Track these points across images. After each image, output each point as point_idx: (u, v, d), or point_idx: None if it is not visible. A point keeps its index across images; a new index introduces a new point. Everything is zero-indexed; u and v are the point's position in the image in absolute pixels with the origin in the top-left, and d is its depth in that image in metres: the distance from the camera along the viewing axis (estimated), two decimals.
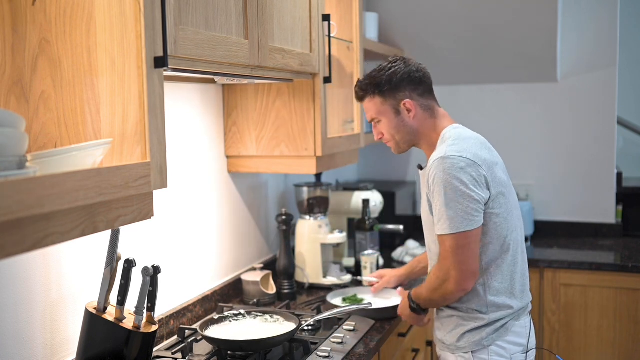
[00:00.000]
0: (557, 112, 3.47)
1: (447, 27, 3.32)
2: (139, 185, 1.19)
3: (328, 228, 2.62)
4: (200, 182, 2.23)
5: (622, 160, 3.75)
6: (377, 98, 1.90)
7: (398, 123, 1.89)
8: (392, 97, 1.88)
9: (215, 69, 1.59)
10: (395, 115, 1.89)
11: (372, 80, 1.90)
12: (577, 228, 3.47)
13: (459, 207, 1.72)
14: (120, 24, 1.20)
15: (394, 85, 1.87)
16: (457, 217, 1.73)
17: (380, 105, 1.90)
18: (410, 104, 1.87)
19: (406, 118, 1.88)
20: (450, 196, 1.72)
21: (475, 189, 1.73)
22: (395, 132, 1.91)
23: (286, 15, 1.94)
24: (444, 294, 1.81)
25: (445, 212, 1.74)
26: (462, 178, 1.73)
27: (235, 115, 2.34)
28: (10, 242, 0.92)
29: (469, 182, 1.73)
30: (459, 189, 1.72)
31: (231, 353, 1.81)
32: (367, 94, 1.92)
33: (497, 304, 1.82)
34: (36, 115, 1.27)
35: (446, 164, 1.74)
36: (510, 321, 1.83)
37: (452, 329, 1.87)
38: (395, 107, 1.88)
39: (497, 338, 1.82)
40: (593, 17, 3.36)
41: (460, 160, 1.74)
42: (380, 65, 1.93)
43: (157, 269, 1.63)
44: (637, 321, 2.87)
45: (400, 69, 1.88)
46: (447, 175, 1.73)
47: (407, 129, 1.90)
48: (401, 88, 1.87)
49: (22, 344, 1.50)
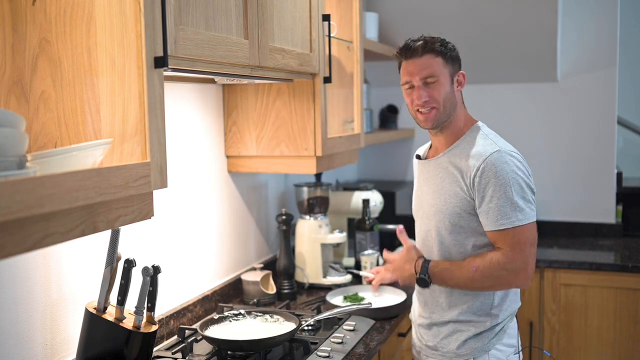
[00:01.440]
0: (557, 112, 3.47)
1: (447, 27, 3.32)
2: (139, 185, 1.19)
3: (328, 228, 2.62)
4: (200, 182, 2.23)
5: (622, 160, 3.75)
6: (439, 58, 1.83)
7: (450, 91, 1.85)
8: (452, 64, 1.86)
9: (215, 69, 1.59)
10: (450, 82, 1.86)
11: (437, 42, 1.85)
12: (577, 228, 3.47)
13: (527, 197, 1.75)
14: (120, 24, 1.20)
15: (455, 55, 1.87)
16: (527, 208, 1.74)
17: (441, 67, 1.84)
18: (464, 77, 1.88)
19: (456, 90, 1.87)
20: (517, 188, 1.73)
21: (532, 185, 1.78)
22: (445, 99, 1.85)
23: (286, 15, 1.94)
24: (502, 284, 1.79)
25: (515, 204, 1.73)
26: (524, 171, 1.77)
27: (235, 115, 2.34)
28: (10, 242, 0.92)
29: (529, 178, 1.78)
30: (525, 182, 1.75)
31: (231, 353, 1.81)
32: (431, 51, 1.83)
33: (500, 306, 1.83)
34: (36, 115, 1.26)
35: (507, 158, 1.76)
36: (506, 323, 1.85)
37: (449, 334, 1.86)
38: (451, 75, 1.86)
39: (496, 342, 1.82)
40: (593, 17, 3.36)
41: (517, 156, 1.79)
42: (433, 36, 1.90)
43: (157, 269, 1.63)
44: (637, 321, 2.87)
45: (453, 46, 1.88)
46: (512, 167, 1.75)
47: (454, 101, 1.87)
48: (457, 61, 1.88)
49: (22, 344, 1.50)
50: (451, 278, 1.83)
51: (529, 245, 1.75)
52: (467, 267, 1.80)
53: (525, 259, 1.74)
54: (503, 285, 1.80)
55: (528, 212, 1.74)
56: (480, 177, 1.76)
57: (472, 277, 1.78)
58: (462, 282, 1.81)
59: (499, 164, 1.74)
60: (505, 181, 1.73)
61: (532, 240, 1.76)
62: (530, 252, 1.75)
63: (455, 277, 1.82)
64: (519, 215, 1.73)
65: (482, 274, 1.78)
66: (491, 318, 1.83)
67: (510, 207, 1.73)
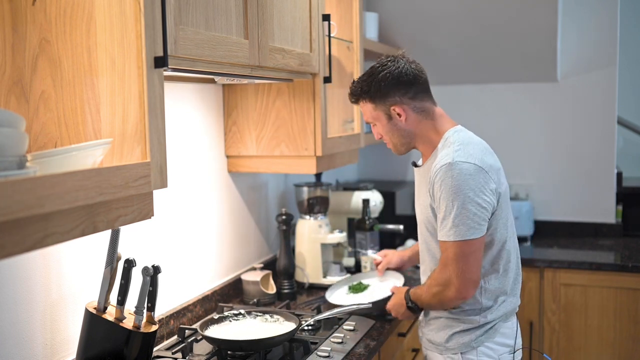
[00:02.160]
0: (557, 112, 3.47)
1: (447, 27, 3.32)
2: (139, 185, 1.19)
3: (328, 228, 2.62)
4: (200, 182, 2.23)
5: (622, 160, 3.75)
6: (368, 104, 1.88)
7: (391, 127, 1.87)
8: (382, 102, 1.85)
9: (215, 68, 1.59)
10: (388, 120, 1.87)
11: (362, 86, 1.87)
12: (577, 228, 3.47)
13: (466, 215, 1.71)
14: (120, 24, 1.20)
15: (383, 91, 1.83)
16: (462, 224, 1.71)
17: (372, 111, 1.88)
18: (400, 109, 1.84)
19: (399, 122, 1.85)
20: (458, 203, 1.70)
21: (484, 196, 1.72)
22: (391, 135, 1.89)
23: (286, 15, 1.94)
24: (442, 300, 1.81)
25: (451, 220, 1.72)
26: (471, 185, 1.71)
27: (235, 115, 2.34)
28: (10, 242, 0.92)
29: (477, 190, 1.72)
30: (468, 196, 1.70)
31: (231, 353, 1.81)
32: (359, 99, 1.90)
33: (491, 308, 1.83)
34: (36, 115, 1.26)
35: (454, 171, 1.71)
36: (499, 322, 1.84)
37: (440, 328, 1.88)
38: (386, 112, 1.86)
39: (485, 340, 1.83)
40: (593, 17, 3.36)
41: (468, 167, 1.72)
42: (372, 66, 1.89)
43: (157, 269, 1.63)
44: (637, 321, 2.87)
45: (389, 73, 1.83)
46: (456, 181, 1.71)
47: (402, 132, 1.87)
48: (390, 93, 1.83)
49: (22, 344, 1.50)
50: (422, 302, 1.90)
51: (461, 260, 1.73)
52: (425, 289, 1.87)
53: (454, 273, 1.74)
54: (445, 302, 1.81)
55: (462, 230, 1.71)
56: (433, 189, 1.78)
57: (428, 297, 1.86)
58: (430, 305, 1.89)
59: (444, 178, 1.73)
60: (447, 195, 1.72)
61: (467, 255, 1.73)
62: (461, 267, 1.73)
63: (426, 302, 1.88)
64: (453, 230, 1.72)
65: (429, 292, 1.84)
66: (480, 317, 1.83)
67: (448, 222, 1.73)
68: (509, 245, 1.84)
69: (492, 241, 1.80)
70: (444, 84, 3.54)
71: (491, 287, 1.82)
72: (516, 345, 1.87)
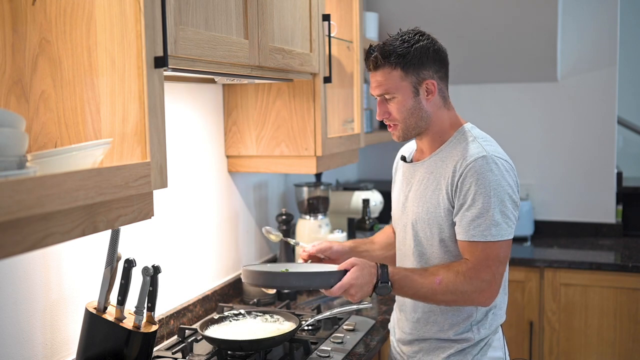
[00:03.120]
0: (557, 112, 3.47)
1: (447, 26, 3.32)
2: (139, 185, 1.19)
3: (328, 228, 2.62)
4: (200, 182, 2.23)
5: (622, 160, 3.75)
6: (397, 71, 1.64)
7: (414, 105, 1.67)
8: (416, 73, 1.65)
9: (215, 68, 1.59)
10: (413, 95, 1.66)
11: (396, 49, 1.64)
12: (577, 228, 3.47)
13: (507, 213, 1.59)
14: (120, 24, 1.20)
15: (420, 60, 1.64)
16: (504, 223, 1.59)
17: (398, 80, 1.65)
18: (433, 85, 1.66)
19: (424, 101, 1.67)
20: (497, 200, 1.58)
21: (518, 195, 1.63)
22: (407, 115, 1.68)
23: (286, 15, 1.94)
24: (466, 301, 1.63)
25: (491, 217, 1.58)
26: (510, 182, 1.61)
27: (235, 114, 2.34)
28: (10, 242, 0.92)
29: (515, 187, 1.62)
30: (508, 193, 1.60)
31: (231, 353, 1.81)
32: (387, 63, 1.65)
33: (486, 325, 1.73)
34: (36, 115, 1.26)
35: (492, 165, 1.59)
36: (490, 337, 1.77)
37: (430, 350, 1.77)
38: (415, 86, 1.66)
39: (481, 357, 1.74)
40: (593, 17, 3.36)
41: (504, 163, 1.62)
42: (400, 34, 1.69)
43: (157, 269, 1.63)
44: (637, 321, 2.87)
45: (430, 44, 1.66)
46: (496, 176, 1.59)
47: (422, 114, 1.68)
48: (426, 66, 1.65)
49: (22, 344, 1.50)
50: (411, 287, 1.62)
51: (497, 263, 1.60)
52: (430, 278, 1.62)
53: (492, 277, 1.60)
54: (465, 302, 1.65)
55: (504, 228, 1.59)
56: (462, 183, 1.61)
57: (435, 289, 1.60)
58: (422, 293, 1.62)
59: (483, 171, 1.59)
60: (486, 190, 1.58)
61: (503, 258, 1.62)
62: (498, 270, 1.61)
63: (416, 287, 1.62)
64: (492, 230, 1.58)
65: (445, 287, 1.60)
66: (473, 334, 1.73)
67: (486, 219, 1.58)
68: None
69: None
70: None
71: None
72: (505, 357, 1.81)
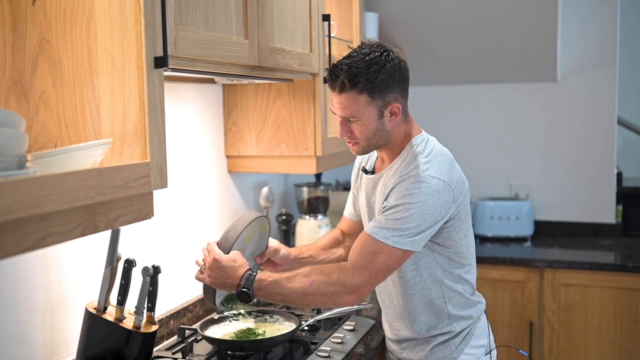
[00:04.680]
0: (557, 112, 3.47)
1: (447, 26, 3.32)
2: (139, 185, 1.19)
3: (328, 228, 2.62)
4: (200, 182, 2.23)
5: (622, 160, 3.75)
6: (364, 96, 1.62)
7: (377, 127, 1.66)
8: (381, 97, 1.63)
9: (215, 69, 1.59)
10: (377, 118, 1.65)
11: (363, 74, 1.61)
12: (577, 228, 3.47)
13: (419, 229, 1.59)
14: (120, 24, 1.20)
15: (387, 85, 1.62)
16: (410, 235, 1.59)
17: (364, 105, 1.63)
18: (398, 108, 1.66)
19: (386, 122, 1.67)
20: (415, 215, 1.58)
21: (439, 216, 1.62)
22: (370, 136, 1.67)
23: (286, 15, 1.94)
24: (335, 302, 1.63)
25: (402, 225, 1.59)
26: (437, 203, 1.60)
27: (235, 115, 2.34)
28: (10, 242, 0.92)
29: (441, 209, 1.62)
30: (428, 213, 1.59)
31: (231, 353, 1.81)
32: (354, 88, 1.61)
33: (462, 316, 1.79)
34: (36, 115, 1.26)
35: (422, 185, 1.60)
36: (473, 324, 1.81)
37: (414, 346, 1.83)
38: (380, 109, 1.64)
39: (464, 346, 1.78)
40: (593, 17, 3.36)
41: (438, 182, 1.61)
42: (364, 52, 1.65)
43: (157, 269, 1.63)
44: (637, 321, 2.86)
45: (396, 66, 1.64)
46: (423, 195, 1.59)
47: (384, 134, 1.68)
48: (392, 89, 1.64)
49: (22, 344, 1.50)
50: (280, 293, 1.63)
51: (379, 268, 1.60)
52: (301, 280, 1.62)
53: (366, 281, 1.59)
54: (333, 303, 1.64)
55: (404, 241, 1.58)
56: (389, 195, 1.64)
57: (305, 291, 1.61)
58: (292, 297, 1.63)
59: (410, 189, 1.60)
60: (407, 205, 1.59)
61: (384, 267, 1.60)
62: (376, 277, 1.60)
63: (285, 292, 1.62)
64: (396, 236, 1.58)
65: (317, 288, 1.61)
66: (453, 327, 1.77)
67: (396, 225, 1.59)
68: (471, 257, 1.80)
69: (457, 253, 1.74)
70: (444, 84, 3.54)
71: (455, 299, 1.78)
72: (490, 344, 1.84)
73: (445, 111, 3.56)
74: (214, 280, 1.67)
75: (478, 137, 3.55)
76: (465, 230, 1.76)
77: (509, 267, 3.01)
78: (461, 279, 1.79)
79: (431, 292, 1.76)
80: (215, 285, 1.68)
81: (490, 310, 2.86)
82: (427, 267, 1.75)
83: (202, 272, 1.70)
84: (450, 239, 1.72)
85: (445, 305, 1.77)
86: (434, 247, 1.73)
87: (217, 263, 1.66)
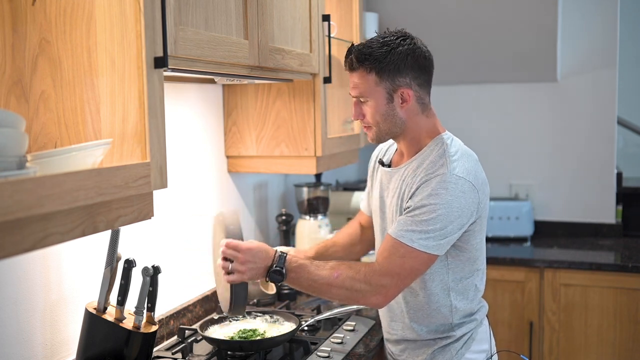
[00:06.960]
0: (557, 112, 3.47)
1: (447, 27, 3.32)
2: (139, 185, 1.19)
3: (328, 228, 2.62)
4: (200, 182, 2.23)
5: (622, 160, 3.75)
6: (372, 75, 1.63)
7: (387, 110, 1.66)
8: (391, 80, 1.63)
9: (215, 69, 1.59)
10: (387, 101, 1.65)
11: (374, 52, 1.62)
12: (577, 228, 3.47)
13: (445, 232, 1.58)
14: (120, 24, 1.20)
15: (397, 67, 1.62)
16: (432, 240, 1.58)
17: (373, 85, 1.64)
18: (408, 94, 1.65)
19: (397, 107, 1.66)
20: (442, 217, 1.57)
21: (465, 219, 1.61)
22: (381, 120, 1.67)
23: (286, 15, 1.94)
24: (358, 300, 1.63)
25: (428, 227, 1.57)
26: (463, 204, 1.59)
27: (235, 115, 2.34)
28: (10, 242, 0.92)
29: (468, 210, 1.60)
30: (455, 215, 1.58)
31: (231, 353, 1.81)
32: (362, 66, 1.64)
33: (466, 321, 1.77)
34: (36, 115, 1.26)
35: (449, 184, 1.58)
36: (474, 329, 1.79)
37: (415, 348, 1.81)
38: (389, 92, 1.64)
39: (465, 351, 1.76)
40: (593, 17, 3.36)
41: (465, 183, 1.60)
42: (383, 35, 1.67)
43: (157, 269, 1.63)
44: (637, 321, 2.86)
45: (409, 50, 1.63)
46: (448, 197, 1.57)
47: (395, 120, 1.67)
48: (403, 73, 1.63)
49: (22, 344, 1.50)
50: (307, 278, 1.61)
51: (407, 273, 1.59)
52: (328, 270, 1.61)
53: (393, 284, 1.58)
54: (357, 301, 1.64)
55: (430, 244, 1.57)
56: (415, 194, 1.62)
57: (330, 281, 1.59)
58: (318, 284, 1.61)
59: (437, 188, 1.58)
60: (434, 206, 1.57)
61: (412, 271, 1.60)
62: (403, 281, 1.60)
63: (313, 277, 1.60)
64: (423, 239, 1.56)
65: (342, 282, 1.59)
66: (455, 332, 1.76)
67: (422, 228, 1.57)
68: (483, 261, 1.78)
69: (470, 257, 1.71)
70: (444, 84, 3.54)
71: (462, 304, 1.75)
72: (492, 349, 1.82)
73: (445, 111, 3.55)
74: (251, 270, 1.60)
75: (478, 137, 3.55)
76: (482, 235, 1.73)
77: (509, 267, 3.01)
78: (470, 285, 1.76)
79: (439, 298, 1.74)
80: (252, 276, 1.61)
81: (491, 311, 2.85)
82: (437, 273, 1.72)
83: (232, 273, 1.61)
84: (469, 243, 1.69)
85: (451, 314, 1.75)
86: (449, 251, 1.68)
87: (250, 251, 1.60)
